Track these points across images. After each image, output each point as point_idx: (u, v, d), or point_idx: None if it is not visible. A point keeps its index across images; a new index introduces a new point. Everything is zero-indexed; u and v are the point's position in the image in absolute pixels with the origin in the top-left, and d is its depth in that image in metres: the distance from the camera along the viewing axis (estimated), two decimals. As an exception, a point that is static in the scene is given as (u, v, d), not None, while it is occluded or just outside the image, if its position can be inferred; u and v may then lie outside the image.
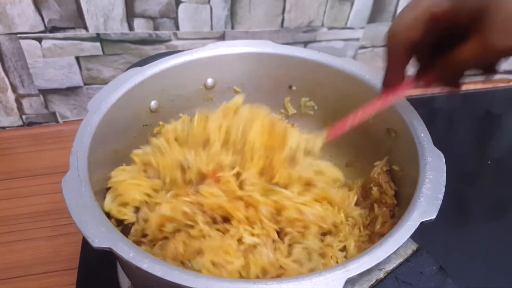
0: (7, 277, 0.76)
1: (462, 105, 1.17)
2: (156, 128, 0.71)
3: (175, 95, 0.71)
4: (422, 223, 0.45)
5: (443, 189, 0.48)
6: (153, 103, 0.69)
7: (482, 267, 0.74)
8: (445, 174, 0.50)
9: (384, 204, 0.62)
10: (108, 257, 0.68)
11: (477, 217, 0.85)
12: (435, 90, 1.17)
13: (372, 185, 0.64)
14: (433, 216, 0.45)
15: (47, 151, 0.98)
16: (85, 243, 0.72)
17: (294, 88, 0.76)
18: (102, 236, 0.44)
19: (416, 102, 0.62)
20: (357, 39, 1.06)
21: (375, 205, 0.62)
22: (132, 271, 0.54)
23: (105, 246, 0.43)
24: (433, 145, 0.54)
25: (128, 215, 0.58)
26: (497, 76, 1.23)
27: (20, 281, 0.75)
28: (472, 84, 1.22)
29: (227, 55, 0.71)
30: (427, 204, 0.47)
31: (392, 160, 0.63)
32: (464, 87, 1.19)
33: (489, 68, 0.51)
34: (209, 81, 0.73)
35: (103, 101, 0.60)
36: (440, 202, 0.47)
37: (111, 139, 0.62)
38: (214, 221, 0.56)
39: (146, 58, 0.74)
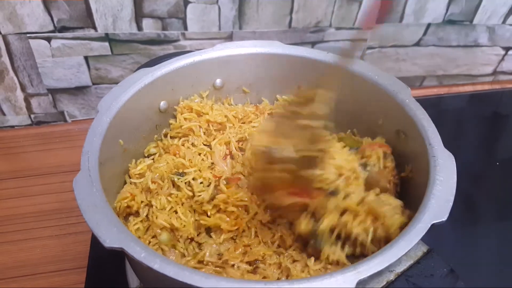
0: (16, 276, 0.76)
1: (470, 106, 1.16)
2: (165, 129, 0.72)
3: (185, 95, 0.72)
4: (433, 225, 0.45)
5: (454, 191, 0.48)
6: (162, 104, 0.69)
7: (491, 267, 0.74)
8: (455, 176, 0.50)
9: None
10: (117, 257, 0.69)
11: (486, 218, 0.84)
12: (442, 91, 1.18)
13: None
14: (444, 218, 0.45)
15: (55, 150, 0.98)
16: (94, 242, 0.73)
17: (303, 89, 0.76)
18: (114, 237, 0.44)
19: (423, 103, 0.62)
20: (365, 40, 1.05)
21: None
22: (143, 271, 0.54)
23: (117, 246, 0.43)
24: (443, 147, 0.54)
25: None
26: (505, 77, 1.23)
27: (28, 279, 0.76)
28: (480, 85, 1.21)
29: (236, 55, 0.72)
30: (438, 206, 0.47)
31: (402, 162, 0.63)
32: (472, 88, 1.20)
33: None
34: (218, 81, 0.74)
35: (113, 102, 0.61)
36: (451, 204, 0.47)
37: (121, 139, 0.63)
38: None
39: (155, 59, 0.74)
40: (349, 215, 0.53)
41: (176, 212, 0.60)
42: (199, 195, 0.60)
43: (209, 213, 0.59)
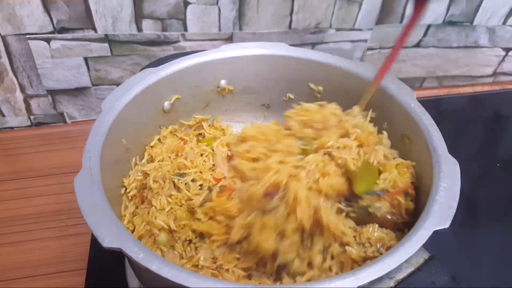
0: (16, 277, 0.76)
1: (470, 107, 1.16)
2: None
3: (189, 96, 0.72)
4: (435, 231, 0.45)
5: (457, 198, 0.48)
6: (166, 104, 0.69)
7: (493, 273, 0.74)
8: (459, 183, 0.50)
9: None
10: (117, 258, 0.69)
11: (487, 220, 0.84)
12: (442, 92, 1.18)
13: None
14: (447, 225, 0.45)
15: (55, 151, 0.98)
16: (94, 243, 0.74)
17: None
18: (113, 236, 0.44)
19: (424, 104, 0.62)
20: (365, 41, 1.05)
21: None
22: (142, 271, 0.54)
23: (115, 246, 0.43)
24: (448, 153, 0.54)
25: None
26: (505, 78, 1.22)
27: (28, 281, 0.75)
28: (480, 86, 1.21)
29: (241, 56, 0.71)
30: (440, 213, 0.47)
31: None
32: (472, 89, 1.21)
33: None
34: (222, 82, 0.74)
35: (116, 101, 0.61)
36: (454, 211, 0.46)
37: (124, 138, 0.63)
38: None
39: (160, 59, 0.74)
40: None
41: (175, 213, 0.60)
42: (192, 199, 0.60)
43: (201, 219, 0.59)
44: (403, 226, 0.56)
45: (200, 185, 0.62)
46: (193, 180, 0.62)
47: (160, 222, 0.57)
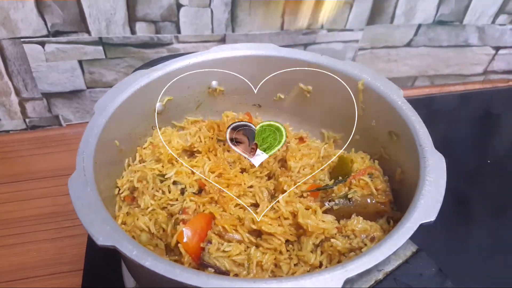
0: (13, 279, 0.76)
1: (462, 105, 1.18)
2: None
3: (180, 97, 0.72)
4: (421, 224, 0.46)
5: (443, 192, 0.49)
6: (158, 105, 0.70)
7: (482, 266, 0.75)
8: (445, 177, 0.51)
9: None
10: (113, 258, 0.69)
11: (477, 216, 0.85)
12: (433, 91, 1.19)
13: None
14: (433, 218, 0.46)
15: (51, 154, 0.99)
16: (90, 244, 0.74)
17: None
18: (107, 235, 0.45)
19: (415, 103, 0.63)
20: (357, 41, 1.06)
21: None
22: (136, 269, 0.54)
23: (109, 244, 0.44)
24: (434, 148, 0.55)
25: None
26: (495, 76, 1.24)
27: (25, 283, 0.76)
28: (471, 84, 1.23)
29: (231, 57, 0.72)
30: (427, 206, 0.48)
31: (394, 163, 0.64)
32: (463, 87, 1.22)
33: None
34: (214, 83, 0.74)
35: (109, 103, 0.61)
36: (440, 204, 0.47)
37: (117, 140, 0.63)
38: None
39: (152, 61, 0.74)
40: None
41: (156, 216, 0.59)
42: (172, 205, 0.59)
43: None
44: (390, 213, 0.59)
45: (182, 188, 0.61)
46: (174, 183, 0.62)
47: (141, 224, 0.57)
